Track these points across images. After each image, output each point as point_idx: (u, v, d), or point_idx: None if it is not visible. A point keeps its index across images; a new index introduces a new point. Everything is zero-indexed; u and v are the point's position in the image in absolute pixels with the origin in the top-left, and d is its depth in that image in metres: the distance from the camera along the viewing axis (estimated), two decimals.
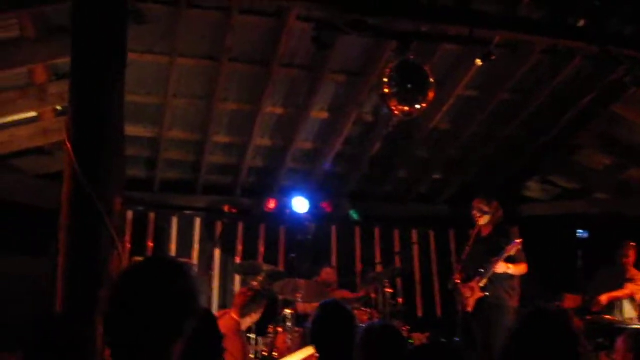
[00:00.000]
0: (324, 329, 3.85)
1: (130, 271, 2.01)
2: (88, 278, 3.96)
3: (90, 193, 4.01)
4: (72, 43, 4.36)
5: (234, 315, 5.72)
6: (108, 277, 4.01)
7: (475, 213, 6.64)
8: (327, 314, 3.89)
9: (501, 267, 6.22)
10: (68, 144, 4.15)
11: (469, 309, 6.35)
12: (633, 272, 7.36)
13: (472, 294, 6.31)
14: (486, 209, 6.58)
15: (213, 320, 3.46)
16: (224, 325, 5.30)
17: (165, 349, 1.80)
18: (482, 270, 6.23)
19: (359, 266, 9.49)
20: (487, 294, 6.21)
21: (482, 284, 6.22)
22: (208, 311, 3.73)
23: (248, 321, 5.82)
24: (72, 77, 4.34)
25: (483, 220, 6.60)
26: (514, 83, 7.47)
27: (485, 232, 6.70)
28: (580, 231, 7.13)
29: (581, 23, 6.20)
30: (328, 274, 8.20)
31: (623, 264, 7.36)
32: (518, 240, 6.28)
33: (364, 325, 3.70)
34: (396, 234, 9.85)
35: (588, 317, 7.05)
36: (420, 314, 9.52)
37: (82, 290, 3.94)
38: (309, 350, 6.11)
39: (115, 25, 4.40)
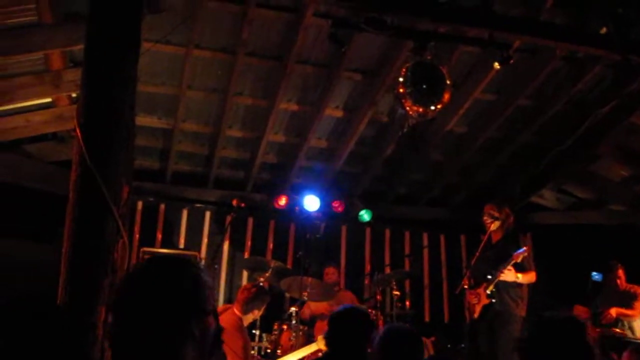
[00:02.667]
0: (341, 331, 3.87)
1: (135, 270, 1.95)
2: (91, 266, 3.93)
3: (98, 180, 3.98)
4: (86, 29, 4.35)
5: (236, 311, 5.68)
6: (112, 266, 3.99)
7: (486, 219, 6.55)
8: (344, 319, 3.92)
9: (510, 276, 6.11)
10: (78, 130, 4.13)
11: (475, 315, 6.27)
12: (631, 287, 7.31)
13: (479, 301, 6.23)
14: (497, 214, 6.49)
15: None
16: (225, 320, 5.29)
17: (174, 351, 1.73)
18: (490, 277, 6.14)
19: (367, 267, 9.43)
20: (494, 300, 6.12)
21: (488, 291, 6.13)
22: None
23: (250, 317, 5.79)
24: (85, 63, 4.31)
25: (494, 226, 6.51)
26: (532, 89, 7.38)
27: (495, 239, 6.61)
28: (594, 274, 7.24)
29: (603, 30, 6.10)
30: (328, 274, 8.15)
31: (616, 284, 7.34)
32: (525, 247, 6.17)
33: (384, 327, 3.68)
34: (407, 236, 9.80)
35: (598, 330, 6.99)
36: (427, 318, 9.46)
37: (84, 278, 3.91)
38: (313, 347, 6.12)
39: (130, 13, 4.37)
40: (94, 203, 4.00)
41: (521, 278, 6.19)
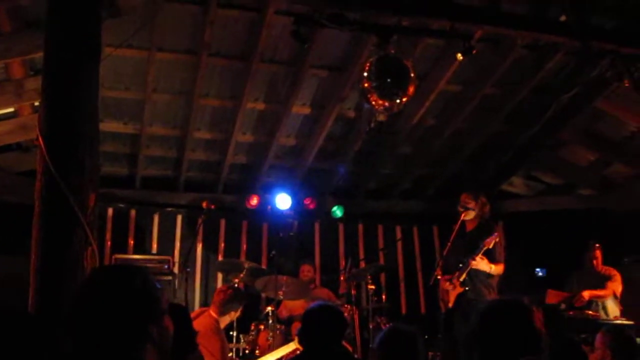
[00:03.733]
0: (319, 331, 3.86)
1: (88, 279, 1.98)
2: (60, 275, 3.89)
3: (63, 189, 3.94)
4: (45, 36, 4.30)
5: (213, 313, 5.66)
6: (82, 273, 3.95)
7: (460, 208, 6.54)
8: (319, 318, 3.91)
9: (483, 265, 6.15)
10: (40, 139, 4.09)
11: (450, 305, 6.30)
12: (606, 270, 7.40)
13: (453, 288, 6.26)
14: (472, 204, 6.48)
15: (185, 314, 3.40)
16: (202, 322, 5.26)
17: (133, 354, 1.72)
18: (461, 265, 6.18)
19: (342, 263, 9.44)
20: (467, 288, 6.16)
21: (461, 279, 6.17)
22: (179, 305, 3.67)
23: (227, 319, 5.77)
24: (45, 70, 4.27)
25: (467, 216, 6.51)
26: (496, 78, 7.43)
27: (469, 228, 6.62)
28: (538, 270, 7.60)
29: (563, 18, 6.18)
30: (304, 271, 8.16)
31: (593, 265, 7.42)
32: (496, 233, 6.21)
33: (386, 328, 3.68)
34: (380, 230, 9.82)
35: (571, 313, 7.07)
36: (404, 310, 9.50)
37: (54, 288, 3.87)
38: (291, 346, 6.12)
39: (89, 18, 4.33)
40: (60, 212, 3.96)
41: (493, 269, 6.23)
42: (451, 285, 6.27)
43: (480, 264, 6.13)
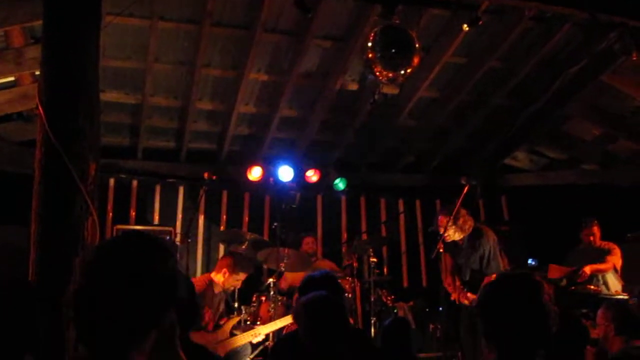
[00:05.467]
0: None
1: (109, 246, 1.73)
2: (61, 244, 3.88)
3: (63, 158, 3.91)
4: (44, 3, 4.23)
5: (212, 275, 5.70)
6: (82, 244, 3.94)
7: (441, 230, 6.28)
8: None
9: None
10: (40, 108, 4.04)
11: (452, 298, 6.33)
12: (605, 244, 7.36)
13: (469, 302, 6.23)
14: (450, 223, 6.22)
15: (191, 288, 3.39)
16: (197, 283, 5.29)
17: (135, 340, 1.57)
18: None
19: (344, 235, 9.44)
20: None
21: None
22: (186, 279, 3.66)
23: (231, 280, 5.77)
24: (44, 38, 4.21)
25: (450, 237, 6.35)
26: (502, 50, 7.34)
27: (461, 242, 6.48)
28: (530, 260, 7.88)
29: None
30: (307, 243, 8.13)
31: (590, 241, 7.38)
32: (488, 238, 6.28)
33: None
34: (382, 203, 9.81)
35: (573, 288, 7.06)
36: (405, 283, 9.51)
37: (54, 257, 3.86)
38: (291, 318, 6.12)
39: None
40: (61, 181, 3.94)
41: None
42: (468, 301, 6.23)
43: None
